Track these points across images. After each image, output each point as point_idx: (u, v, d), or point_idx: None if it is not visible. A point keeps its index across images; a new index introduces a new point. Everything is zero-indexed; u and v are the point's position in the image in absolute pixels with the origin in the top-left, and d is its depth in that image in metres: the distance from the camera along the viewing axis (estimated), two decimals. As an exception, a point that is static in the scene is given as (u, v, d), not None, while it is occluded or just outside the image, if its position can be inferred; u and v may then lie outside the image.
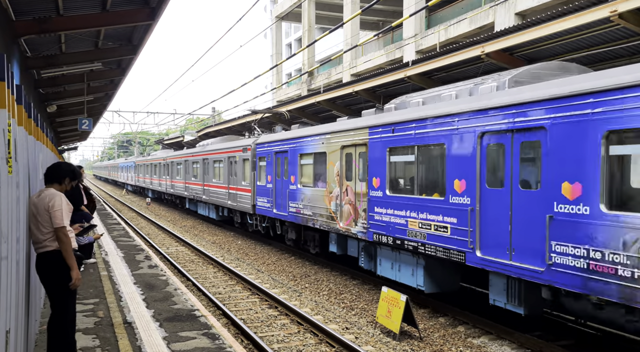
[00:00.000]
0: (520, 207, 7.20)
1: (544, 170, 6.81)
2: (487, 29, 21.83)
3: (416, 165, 9.46)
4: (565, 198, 6.50)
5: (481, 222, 7.86)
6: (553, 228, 6.62)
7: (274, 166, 15.87)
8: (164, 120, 64.93)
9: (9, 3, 6.95)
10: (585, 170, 6.22)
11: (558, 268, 6.56)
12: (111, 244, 15.04)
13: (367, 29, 39.69)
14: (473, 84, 8.82)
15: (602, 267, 6.03)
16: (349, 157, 11.71)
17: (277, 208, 15.57)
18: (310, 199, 13.46)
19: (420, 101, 9.93)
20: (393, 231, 9.93)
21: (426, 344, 8.07)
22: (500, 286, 7.90)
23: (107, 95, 17.38)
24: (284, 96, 40.31)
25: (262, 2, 67.05)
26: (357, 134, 11.28)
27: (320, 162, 13.06)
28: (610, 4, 7.63)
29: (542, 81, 7.52)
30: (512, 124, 7.30)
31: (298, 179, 14.18)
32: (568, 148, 6.47)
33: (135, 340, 6.60)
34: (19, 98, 4.37)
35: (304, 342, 8.13)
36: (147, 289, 9.55)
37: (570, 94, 6.47)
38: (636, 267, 5.65)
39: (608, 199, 6.04)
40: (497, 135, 7.61)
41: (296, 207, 14.21)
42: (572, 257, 6.40)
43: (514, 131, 7.31)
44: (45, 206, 5.01)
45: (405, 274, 10.05)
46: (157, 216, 29.15)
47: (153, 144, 72.88)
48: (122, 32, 9.90)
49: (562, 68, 8.10)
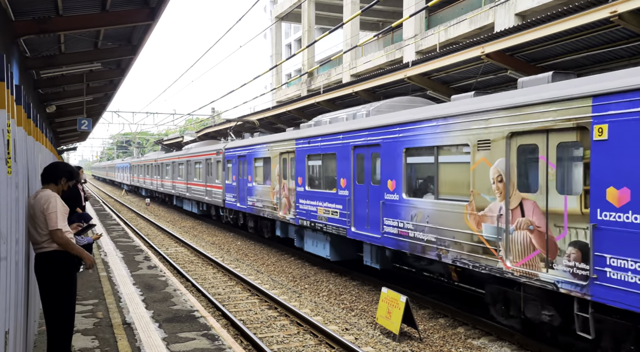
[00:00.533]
0: (372, 197, 10.71)
1: (380, 170, 10.38)
2: (487, 30, 21.84)
3: (322, 167, 12.84)
4: (389, 190, 10.13)
5: (354, 207, 11.37)
6: (384, 209, 10.23)
7: (237, 167, 18.95)
8: (163, 120, 64.99)
9: (9, 3, 6.94)
10: (398, 171, 9.81)
11: (386, 235, 10.15)
12: (110, 245, 15.03)
13: (367, 30, 39.70)
14: (356, 111, 12.26)
15: (403, 232, 9.67)
16: (284, 161, 14.86)
17: (240, 202, 18.66)
18: (261, 194, 16.59)
19: (327, 120, 13.26)
20: (310, 217, 13.24)
21: (426, 345, 8.06)
22: (367, 250, 11.44)
23: (106, 95, 17.37)
24: (284, 97, 40.31)
25: (262, 3, 67.07)
26: (289, 143, 14.47)
27: (267, 164, 16.22)
28: (610, 5, 7.63)
29: (395, 111, 10.83)
30: (367, 141, 10.83)
31: (253, 178, 17.33)
32: (393, 157, 9.96)
33: (134, 341, 6.59)
34: (19, 98, 4.36)
35: (304, 343, 8.12)
36: (146, 289, 9.54)
37: (391, 123, 10.01)
38: (416, 230, 9.26)
39: (406, 190, 9.67)
40: (360, 148, 11.15)
41: (253, 201, 17.35)
42: (391, 227, 10.01)
43: (369, 146, 10.81)
44: (41, 208, 4.99)
45: (319, 248, 13.38)
46: (156, 217, 29.14)
47: (152, 144, 72.89)
48: (121, 33, 9.89)
49: (411, 101, 11.59)
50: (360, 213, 11.10)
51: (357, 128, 11.15)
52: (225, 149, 20.40)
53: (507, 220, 7.32)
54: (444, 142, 8.63)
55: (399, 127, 9.73)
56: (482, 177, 7.76)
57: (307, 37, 37.42)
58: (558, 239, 6.59)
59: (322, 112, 17.90)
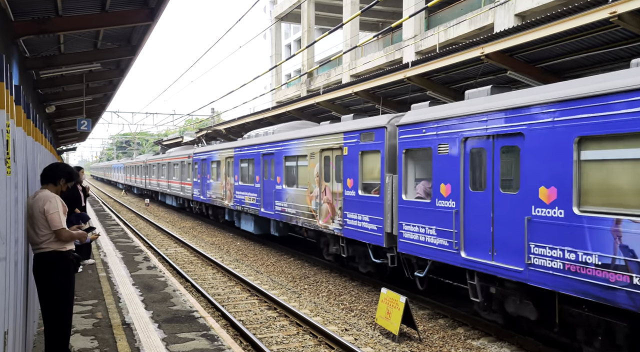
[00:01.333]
0: (269, 188, 15.76)
1: (274, 170, 15.39)
2: (486, 30, 21.85)
3: (248, 168, 17.97)
4: (277, 183, 15.09)
5: (263, 195, 16.30)
6: (275, 195, 15.18)
7: (200, 168, 24.18)
8: (163, 121, 64.87)
9: (8, 3, 6.94)
10: (281, 171, 14.71)
11: (277, 212, 15.18)
12: (110, 245, 15.02)
13: (366, 30, 39.71)
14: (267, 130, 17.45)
15: (283, 209, 14.74)
16: (228, 163, 20.11)
17: (203, 195, 23.70)
18: (216, 188, 21.58)
19: (260, 133, 18.19)
20: (242, 203, 18.39)
21: (425, 346, 8.06)
22: (272, 224, 16.54)
23: (106, 96, 17.36)
24: (283, 97, 40.31)
25: (262, 3, 67.08)
26: (229, 151, 20.01)
27: (218, 166, 21.38)
28: (610, 6, 7.63)
29: (284, 132, 15.64)
30: (268, 151, 15.96)
31: (211, 176, 22.52)
32: (279, 161, 15.10)
33: (133, 341, 6.58)
34: (18, 99, 4.35)
35: (303, 343, 8.12)
36: (145, 290, 9.53)
37: (278, 140, 15.23)
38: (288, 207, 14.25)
39: (285, 182, 13.70)
40: (266, 155, 16.21)
41: (210, 194, 22.49)
42: (278, 207, 15.05)
43: (269, 154, 15.89)
44: (40, 209, 4.98)
45: (248, 225, 18.53)
46: (156, 217, 29.12)
47: (152, 145, 72.85)
48: (121, 33, 9.89)
49: (303, 124, 16.33)
50: (266, 199, 16.22)
51: (263, 142, 16.68)
52: (194, 153, 25.60)
53: (320, 198, 12.77)
54: (299, 153, 13.92)
55: (282, 143, 15.06)
56: (312, 174, 13.17)
57: (306, 38, 37.43)
58: (336, 207, 11.92)
59: (321, 112, 17.92)
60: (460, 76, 11.72)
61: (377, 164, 10.49)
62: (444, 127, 8.68)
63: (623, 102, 5.87)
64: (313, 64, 38.74)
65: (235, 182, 19.01)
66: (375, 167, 10.61)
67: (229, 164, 19.90)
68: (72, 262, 5.29)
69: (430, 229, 8.93)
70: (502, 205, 7.52)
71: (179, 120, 51.76)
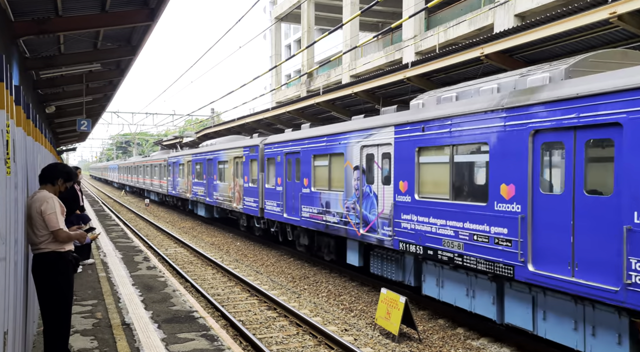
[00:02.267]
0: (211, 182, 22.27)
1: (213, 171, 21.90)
2: (486, 31, 21.85)
3: (201, 169, 23.86)
4: (214, 180, 21.97)
5: (208, 187, 22.63)
6: (212, 188, 22.20)
7: (172, 170, 30.40)
8: (163, 121, 64.79)
9: (8, 4, 6.94)
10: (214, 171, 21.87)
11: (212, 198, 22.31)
12: (110, 245, 15.01)
13: (366, 31, 39.71)
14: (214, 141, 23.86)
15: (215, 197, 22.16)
16: (189, 165, 26.17)
17: (174, 191, 30.00)
18: (181, 184, 28.26)
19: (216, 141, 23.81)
20: (196, 195, 24.59)
21: (425, 346, 8.06)
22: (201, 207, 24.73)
23: (106, 96, 17.38)
24: (283, 97, 40.31)
25: (262, 3, 67.06)
26: (188, 156, 26.28)
27: (183, 167, 27.78)
28: (610, 6, 7.64)
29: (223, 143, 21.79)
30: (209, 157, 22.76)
31: (178, 176, 28.93)
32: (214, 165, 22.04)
33: (133, 341, 6.58)
34: (18, 99, 4.35)
35: (303, 344, 8.12)
36: (145, 290, 9.53)
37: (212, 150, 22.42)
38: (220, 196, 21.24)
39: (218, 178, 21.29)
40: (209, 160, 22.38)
41: (178, 189, 28.99)
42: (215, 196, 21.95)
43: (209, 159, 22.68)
44: (37, 209, 4.98)
45: (203, 212, 24.67)
46: (155, 217, 29.13)
47: (152, 145, 72.82)
48: (121, 33, 9.90)
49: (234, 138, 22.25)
50: (208, 190, 22.70)
51: (203, 151, 23.80)
52: (169, 157, 31.61)
53: (235, 189, 18.90)
54: (224, 159, 20.62)
55: (215, 152, 21.89)
56: (232, 173, 19.43)
57: (306, 38, 37.43)
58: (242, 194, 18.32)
59: (321, 112, 17.93)
60: (460, 76, 11.73)
61: (256, 166, 17.30)
62: (280, 146, 15.40)
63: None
64: (313, 64, 38.74)
65: (193, 179, 25.39)
66: (255, 168, 17.45)
67: (190, 165, 26.20)
68: (71, 263, 5.29)
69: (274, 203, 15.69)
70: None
71: (179, 121, 51.79)
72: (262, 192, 16.56)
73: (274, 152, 15.65)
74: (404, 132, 9.56)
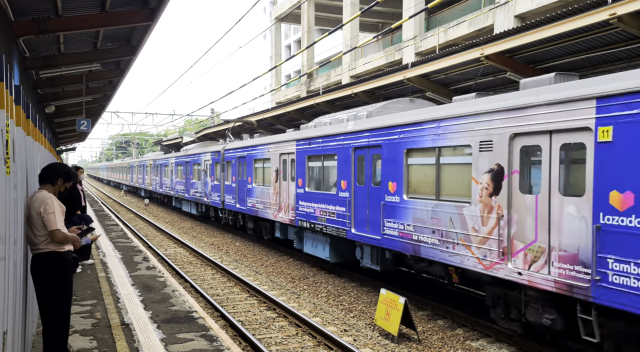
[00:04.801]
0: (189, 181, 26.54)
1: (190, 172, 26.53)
2: (486, 32, 21.86)
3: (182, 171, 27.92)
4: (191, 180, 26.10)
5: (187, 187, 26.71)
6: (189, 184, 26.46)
7: (156, 170, 35.92)
8: (162, 121, 64.82)
9: (8, 3, 6.94)
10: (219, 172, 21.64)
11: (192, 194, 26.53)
12: (109, 246, 15.01)
13: (366, 31, 39.72)
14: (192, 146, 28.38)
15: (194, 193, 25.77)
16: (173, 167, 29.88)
17: (159, 188, 34.76)
18: (167, 183, 31.66)
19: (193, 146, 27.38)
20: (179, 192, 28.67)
21: (425, 347, 8.05)
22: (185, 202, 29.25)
23: (105, 96, 17.36)
24: (283, 98, 40.31)
25: (262, 4, 67.08)
26: (172, 159, 30.01)
27: (167, 168, 31.74)
28: (610, 7, 7.64)
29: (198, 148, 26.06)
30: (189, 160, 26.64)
31: (163, 176, 33.16)
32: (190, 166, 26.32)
33: (132, 342, 6.58)
34: (18, 99, 4.35)
35: (302, 344, 8.11)
36: (145, 290, 9.53)
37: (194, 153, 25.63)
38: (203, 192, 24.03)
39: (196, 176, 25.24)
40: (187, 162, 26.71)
41: (165, 188, 32.44)
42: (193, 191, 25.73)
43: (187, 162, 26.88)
44: (37, 210, 4.98)
45: (184, 207, 28.76)
46: (155, 217, 29.12)
47: (152, 145, 72.80)
48: (121, 33, 9.89)
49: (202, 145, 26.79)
50: (187, 188, 26.48)
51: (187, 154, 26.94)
52: (155, 160, 37.22)
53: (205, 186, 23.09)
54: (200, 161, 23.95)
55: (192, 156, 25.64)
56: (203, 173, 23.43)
57: (306, 38, 37.43)
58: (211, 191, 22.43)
59: (321, 113, 17.93)
60: (460, 77, 11.73)
61: (219, 168, 21.03)
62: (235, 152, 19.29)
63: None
64: (313, 64, 38.75)
65: (176, 179, 29.59)
66: (218, 169, 21.21)
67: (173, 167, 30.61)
68: (70, 263, 5.28)
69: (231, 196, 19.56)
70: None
71: (179, 121, 51.80)
72: (223, 188, 20.73)
73: (231, 156, 19.79)
74: (300, 145, 13.73)
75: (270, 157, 15.67)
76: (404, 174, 9.51)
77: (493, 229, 7.40)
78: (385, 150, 10.02)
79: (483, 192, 7.59)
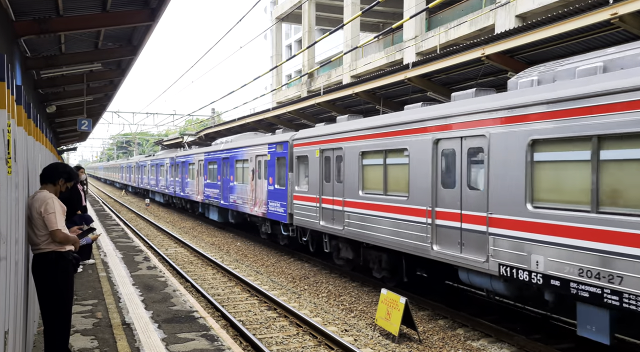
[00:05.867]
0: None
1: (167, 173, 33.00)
2: (487, 31, 21.85)
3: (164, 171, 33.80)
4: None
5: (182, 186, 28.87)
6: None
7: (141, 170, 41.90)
8: (163, 121, 64.85)
9: (9, 3, 6.94)
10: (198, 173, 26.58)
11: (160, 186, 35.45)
12: (110, 245, 15.02)
13: (367, 31, 39.71)
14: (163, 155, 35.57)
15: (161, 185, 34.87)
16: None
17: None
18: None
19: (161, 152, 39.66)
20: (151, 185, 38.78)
21: (425, 347, 8.05)
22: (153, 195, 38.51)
23: (106, 96, 17.36)
24: (284, 97, 40.32)
25: (262, 4, 67.10)
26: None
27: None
28: (611, 7, 7.63)
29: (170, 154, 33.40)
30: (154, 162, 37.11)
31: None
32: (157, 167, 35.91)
33: (133, 341, 6.59)
34: (19, 98, 4.35)
35: (303, 344, 8.12)
36: (145, 290, 9.53)
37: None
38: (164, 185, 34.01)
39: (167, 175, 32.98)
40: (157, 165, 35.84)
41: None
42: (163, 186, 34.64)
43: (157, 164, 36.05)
44: (38, 210, 4.98)
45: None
46: (156, 217, 29.14)
47: (152, 144, 72.88)
48: (122, 33, 9.89)
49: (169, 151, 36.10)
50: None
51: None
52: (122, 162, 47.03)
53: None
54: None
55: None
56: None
57: (307, 38, 37.43)
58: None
59: (321, 113, 17.94)
60: (461, 77, 11.73)
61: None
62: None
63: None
64: (314, 64, 38.75)
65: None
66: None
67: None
68: (71, 263, 5.28)
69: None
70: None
71: (180, 121, 51.83)
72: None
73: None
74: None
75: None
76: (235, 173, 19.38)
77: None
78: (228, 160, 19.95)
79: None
